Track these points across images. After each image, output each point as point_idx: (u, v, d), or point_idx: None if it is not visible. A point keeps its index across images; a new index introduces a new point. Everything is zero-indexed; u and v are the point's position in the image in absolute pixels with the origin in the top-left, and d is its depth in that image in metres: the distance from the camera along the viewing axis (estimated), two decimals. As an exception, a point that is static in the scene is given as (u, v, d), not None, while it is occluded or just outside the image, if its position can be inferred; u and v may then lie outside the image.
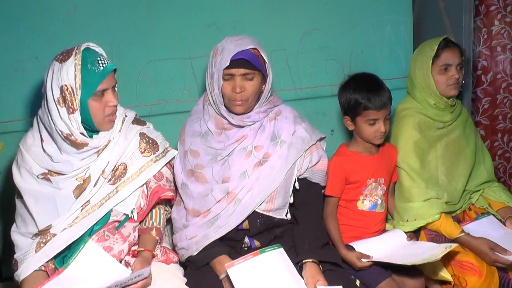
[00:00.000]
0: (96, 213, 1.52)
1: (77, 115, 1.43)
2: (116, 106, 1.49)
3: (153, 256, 1.59)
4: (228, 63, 1.55)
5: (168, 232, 1.84)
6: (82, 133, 1.46)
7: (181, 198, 1.69)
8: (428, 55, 1.85)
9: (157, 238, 1.62)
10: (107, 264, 1.48)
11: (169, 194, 1.63)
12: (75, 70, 1.40)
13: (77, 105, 1.42)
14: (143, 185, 1.59)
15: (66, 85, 1.41)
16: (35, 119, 1.57)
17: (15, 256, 1.50)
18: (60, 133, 1.45)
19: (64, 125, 1.44)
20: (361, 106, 1.72)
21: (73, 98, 1.41)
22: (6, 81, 2.01)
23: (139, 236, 1.62)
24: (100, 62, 1.44)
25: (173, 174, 1.71)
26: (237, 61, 1.56)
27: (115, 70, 1.50)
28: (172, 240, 1.73)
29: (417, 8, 2.37)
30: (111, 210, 1.55)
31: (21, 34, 1.99)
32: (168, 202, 1.74)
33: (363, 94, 1.71)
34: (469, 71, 2.17)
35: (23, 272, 1.45)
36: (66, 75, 1.40)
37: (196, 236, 1.61)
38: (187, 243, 1.62)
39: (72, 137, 1.45)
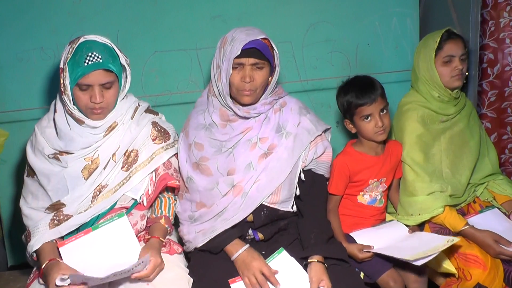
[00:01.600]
0: (110, 199, 1.57)
1: (65, 97, 1.52)
2: (99, 103, 1.49)
3: (163, 244, 1.61)
4: (239, 52, 1.54)
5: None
6: (78, 113, 1.54)
7: (185, 191, 1.69)
8: (431, 47, 1.85)
9: (166, 226, 1.64)
10: (129, 245, 1.53)
11: (176, 183, 1.65)
12: (64, 58, 1.50)
13: (67, 88, 1.50)
14: (152, 171, 1.63)
15: (61, 68, 1.51)
16: (53, 102, 1.63)
17: (29, 226, 1.56)
18: (64, 106, 1.55)
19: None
20: (352, 104, 1.75)
21: (63, 81, 1.50)
22: (11, 71, 2.01)
23: (148, 226, 1.65)
24: (88, 58, 1.47)
25: (178, 165, 1.71)
26: (248, 50, 1.55)
27: (110, 70, 1.49)
28: (178, 232, 1.72)
29: (424, 1, 2.36)
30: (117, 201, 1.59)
31: (26, 24, 1.99)
32: (174, 192, 1.75)
33: (352, 93, 1.76)
34: (475, 64, 2.16)
35: (36, 244, 1.52)
36: (61, 59, 1.51)
37: (204, 229, 1.61)
38: (194, 235, 1.62)
39: (71, 112, 1.54)
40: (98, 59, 1.47)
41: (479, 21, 2.14)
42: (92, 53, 1.47)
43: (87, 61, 1.46)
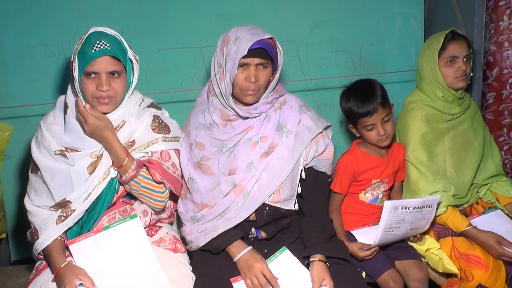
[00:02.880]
0: (104, 182, 1.56)
1: (77, 87, 1.51)
2: (105, 91, 1.50)
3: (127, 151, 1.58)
4: (246, 52, 1.53)
5: (176, 223, 1.85)
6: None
7: (188, 191, 1.68)
8: (434, 47, 1.85)
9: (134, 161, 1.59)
10: (141, 247, 1.53)
11: (157, 177, 1.57)
12: (75, 49, 1.50)
13: (76, 80, 1.50)
14: (145, 155, 1.61)
15: (71, 60, 1.51)
16: (58, 98, 1.63)
17: (35, 224, 1.56)
18: (76, 100, 1.55)
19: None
20: (354, 114, 1.76)
21: (73, 73, 1.50)
22: (16, 67, 2.02)
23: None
24: (96, 45, 1.48)
25: (180, 166, 1.70)
26: (254, 51, 1.55)
27: (118, 58, 1.50)
28: (180, 231, 1.72)
29: (429, 1, 2.36)
30: (116, 183, 1.59)
31: (31, 21, 2.00)
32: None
33: (353, 102, 1.76)
34: (479, 65, 2.16)
35: (44, 241, 1.52)
36: (73, 51, 1.52)
37: (206, 228, 1.61)
38: (197, 235, 1.62)
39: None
40: (106, 47, 1.48)
41: (484, 22, 2.15)
42: (101, 41, 1.49)
43: (95, 47, 1.47)
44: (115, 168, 1.57)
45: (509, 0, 2.11)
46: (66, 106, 1.57)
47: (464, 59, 1.85)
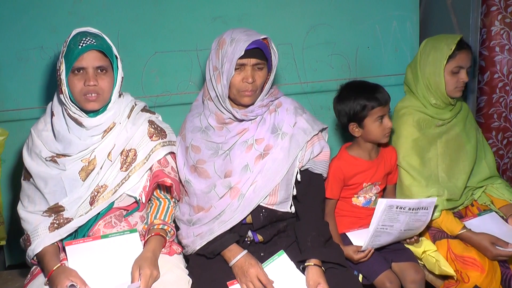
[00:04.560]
0: (109, 200, 1.56)
1: (63, 95, 1.51)
2: (92, 86, 1.49)
3: (163, 245, 1.61)
4: (243, 52, 1.53)
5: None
6: (74, 113, 1.52)
7: (184, 194, 1.69)
8: (444, 53, 1.82)
9: (161, 226, 1.63)
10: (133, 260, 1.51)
11: (168, 181, 1.61)
12: (61, 52, 1.50)
13: (63, 83, 1.49)
14: (149, 169, 1.62)
15: (58, 65, 1.51)
16: (48, 105, 1.62)
17: (27, 230, 1.55)
18: (63, 105, 1.55)
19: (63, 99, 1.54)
20: (367, 107, 1.75)
21: (60, 76, 1.50)
22: (11, 70, 2.01)
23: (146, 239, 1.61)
24: (83, 41, 1.48)
25: (177, 168, 1.70)
26: (251, 51, 1.55)
27: (104, 53, 1.50)
28: (177, 235, 1.71)
29: (424, 4, 2.38)
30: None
31: (26, 24, 1.99)
32: (169, 191, 1.71)
33: (366, 95, 1.76)
34: (476, 69, 2.19)
35: (37, 247, 1.52)
36: (59, 55, 1.52)
37: (202, 232, 1.61)
38: (193, 239, 1.62)
39: (69, 112, 1.52)
40: (92, 42, 1.49)
41: (479, 26, 2.17)
42: (87, 38, 1.49)
43: (81, 44, 1.47)
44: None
45: (501, 6, 2.13)
46: (52, 115, 1.57)
47: (467, 71, 1.85)
